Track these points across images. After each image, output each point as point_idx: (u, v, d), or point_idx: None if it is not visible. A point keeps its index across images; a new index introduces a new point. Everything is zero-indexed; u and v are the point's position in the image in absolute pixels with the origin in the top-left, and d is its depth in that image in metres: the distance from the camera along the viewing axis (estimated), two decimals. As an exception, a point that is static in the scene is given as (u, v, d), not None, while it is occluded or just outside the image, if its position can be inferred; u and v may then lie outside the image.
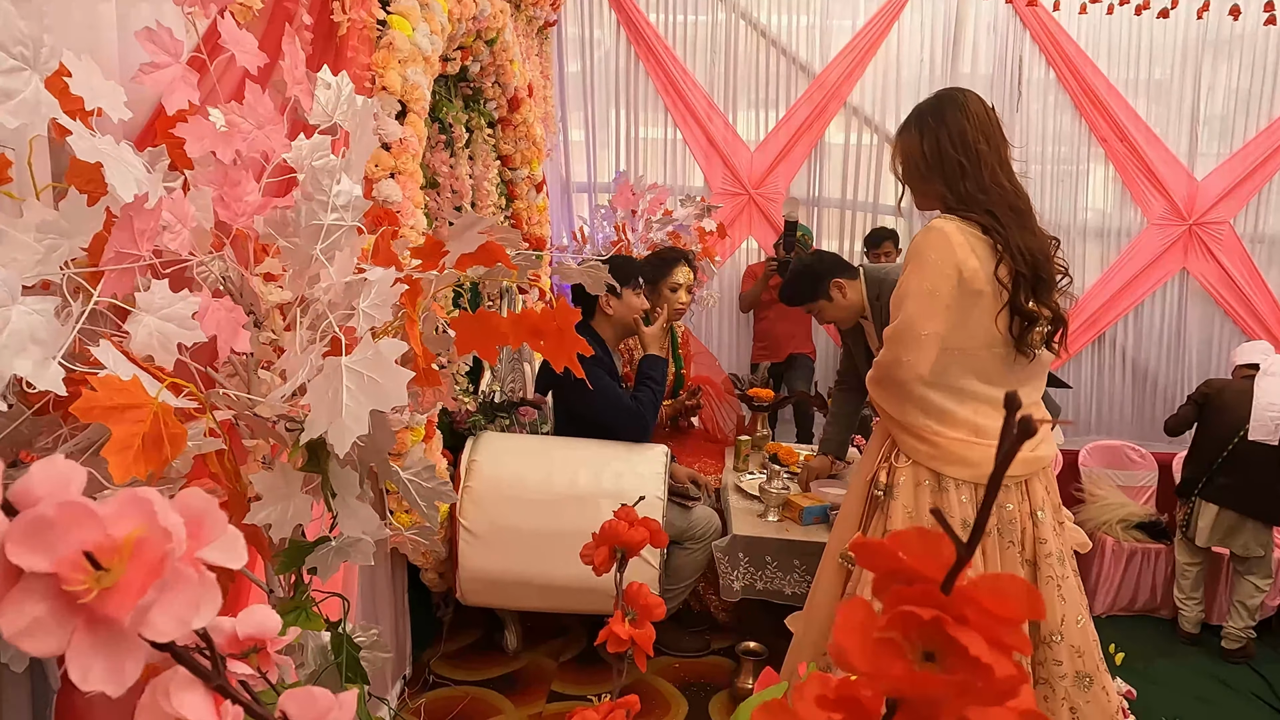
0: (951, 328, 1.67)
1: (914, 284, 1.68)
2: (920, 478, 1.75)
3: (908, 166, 1.80)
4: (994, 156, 1.70)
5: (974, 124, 1.70)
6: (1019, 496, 1.74)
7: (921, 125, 1.76)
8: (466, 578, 2.20)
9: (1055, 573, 1.73)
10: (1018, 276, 1.65)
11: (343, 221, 1.14)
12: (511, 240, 1.18)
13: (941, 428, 1.72)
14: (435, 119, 2.45)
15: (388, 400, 0.87)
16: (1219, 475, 3.72)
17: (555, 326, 1.10)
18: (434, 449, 2.10)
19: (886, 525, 1.76)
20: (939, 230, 1.68)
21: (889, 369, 1.73)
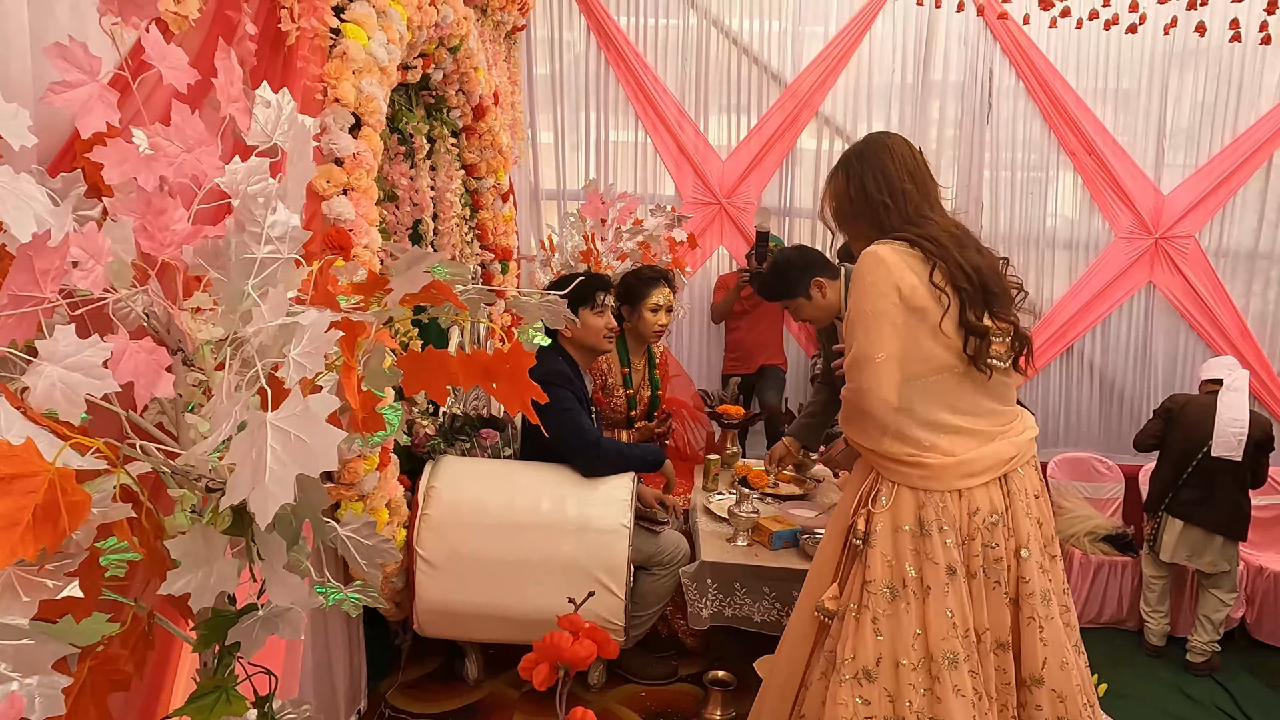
0: (905, 353, 1.64)
1: (857, 310, 1.66)
2: (900, 521, 1.68)
3: (836, 209, 1.82)
4: (919, 196, 1.71)
5: (898, 165, 1.72)
6: (1004, 534, 1.69)
7: (847, 168, 1.78)
8: (424, 609, 2.12)
9: (1038, 613, 1.67)
10: (960, 291, 1.62)
11: (278, 254, 1.05)
12: (459, 274, 1.10)
13: (922, 452, 1.68)
14: (395, 129, 2.36)
15: (316, 464, 0.79)
16: (1184, 490, 3.74)
17: (508, 369, 1.03)
18: (389, 476, 2.01)
19: (865, 575, 1.70)
20: (871, 254, 1.67)
21: (855, 402, 1.68)
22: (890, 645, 1.65)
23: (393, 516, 2.06)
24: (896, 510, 1.69)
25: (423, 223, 2.58)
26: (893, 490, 1.70)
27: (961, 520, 1.67)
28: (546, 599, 2.09)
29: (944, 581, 1.64)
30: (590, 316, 2.64)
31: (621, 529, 2.11)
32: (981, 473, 1.68)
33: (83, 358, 0.84)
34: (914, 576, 1.66)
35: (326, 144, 1.78)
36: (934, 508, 1.66)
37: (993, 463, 1.68)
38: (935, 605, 1.64)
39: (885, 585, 1.67)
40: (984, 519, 1.67)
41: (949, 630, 1.63)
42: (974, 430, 1.69)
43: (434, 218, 2.73)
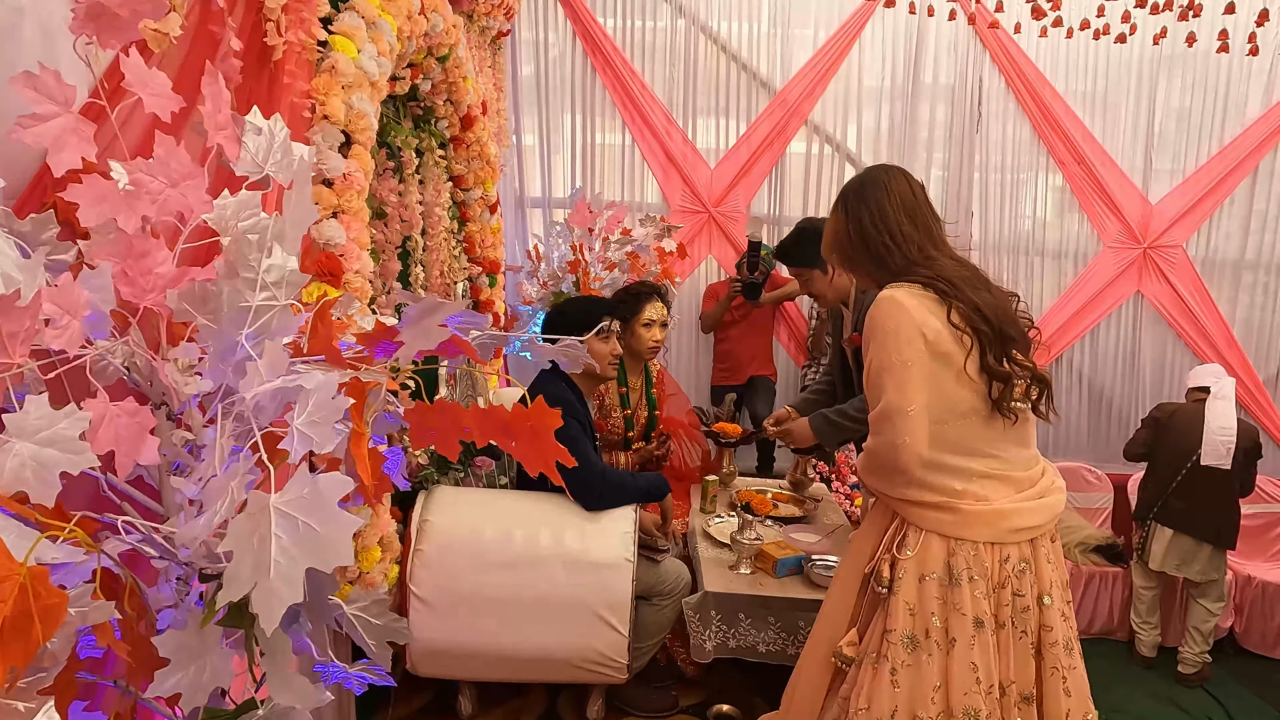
0: (932, 400, 1.58)
1: (883, 360, 1.58)
2: (927, 568, 1.61)
3: (836, 250, 1.76)
4: (921, 235, 1.66)
5: (895, 203, 1.66)
6: (1030, 581, 1.62)
7: (845, 207, 1.73)
8: (418, 649, 2.02)
9: (1061, 663, 1.61)
10: (979, 334, 1.56)
11: (274, 301, 0.96)
12: (474, 322, 1.01)
13: (953, 498, 1.61)
14: (383, 144, 2.26)
15: (328, 558, 0.70)
16: (1173, 499, 3.73)
17: (530, 427, 0.94)
18: (381, 513, 1.90)
19: (886, 624, 1.62)
20: (889, 299, 1.59)
21: (886, 457, 1.60)
22: (908, 697, 1.58)
23: (385, 553, 1.96)
24: (924, 557, 1.61)
25: (411, 239, 2.48)
26: (920, 536, 1.62)
27: (993, 568, 1.60)
28: (546, 637, 2.00)
29: (970, 634, 1.57)
30: (595, 344, 2.56)
31: (624, 563, 2.02)
32: (1014, 532, 1.60)
33: (56, 431, 0.75)
34: (939, 627, 1.59)
35: (316, 164, 1.68)
36: (965, 556, 1.59)
37: (1025, 524, 1.61)
38: (960, 658, 1.57)
39: (906, 635, 1.60)
40: (1014, 566, 1.61)
41: (972, 685, 1.56)
42: (1004, 475, 1.62)
43: (423, 234, 2.63)
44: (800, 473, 3.10)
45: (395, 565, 2.03)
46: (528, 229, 4.78)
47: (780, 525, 2.68)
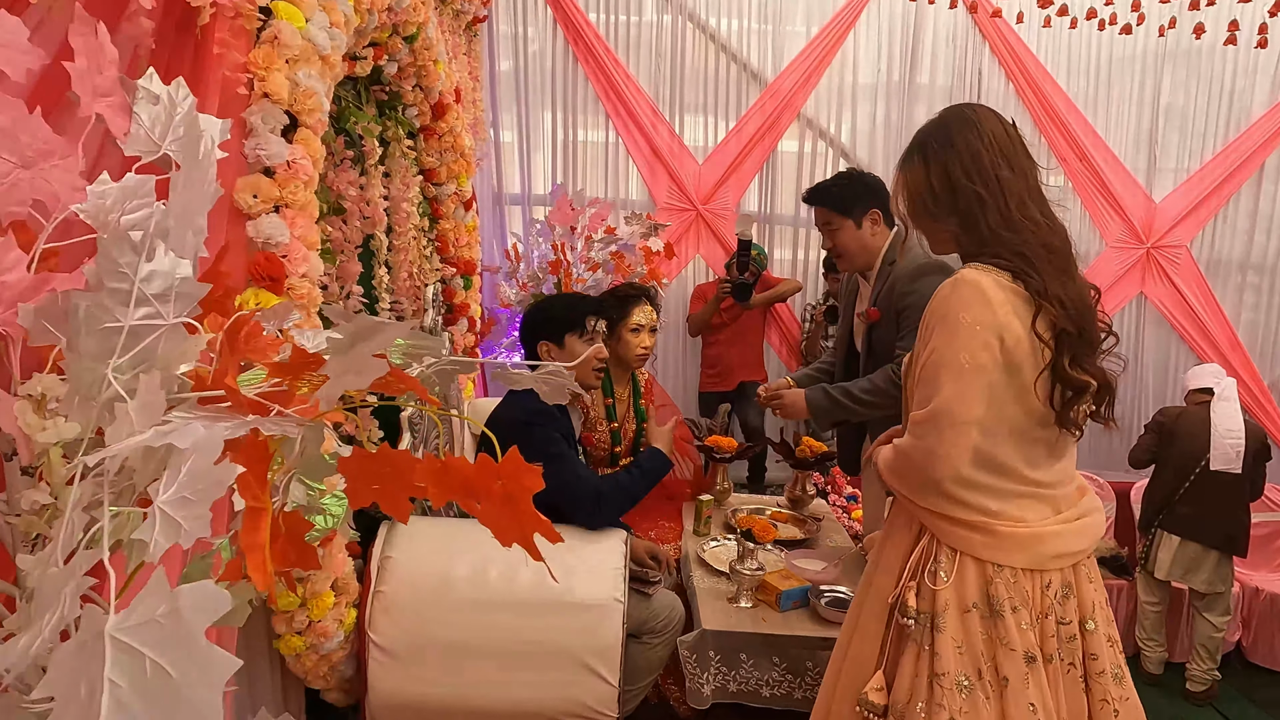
0: (987, 413, 1.36)
1: (948, 355, 1.34)
2: (968, 600, 1.40)
3: (914, 204, 1.49)
4: (1020, 184, 1.39)
5: (991, 146, 1.39)
6: (1074, 604, 1.44)
7: (926, 153, 1.44)
8: (379, 703, 1.77)
9: (1111, 695, 1.43)
10: (1061, 335, 1.34)
11: (158, 320, 0.72)
12: (426, 348, 0.78)
13: (986, 519, 1.41)
14: (341, 130, 2.01)
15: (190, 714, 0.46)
16: (1180, 505, 3.59)
17: (501, 490, 0.71)
18: (334, 551, 1.66)
19: (935, 666, 1.40)
20: (971, 284, 1.35)
21: (920, 463, 1.39)
22: None
23: (340, 597, 1.71)
24: (960, 586, 1.40)
25: (375, 238, 2.23)
26: (954, 560, 1.42)
27: (1035, 595, 1.41)
28: (525, 689, 1.76)
29: (1023, 671, 1.38)
30: (579, 345, 2.30)
31: (614, 604, 1.79)
32: (1056, 558, 1.42)
33: None
34: (989, 666, 1.40)
35: (253, 149, 1.43)
36: (1004, 583, 1.39)
37: (1067, 549, 1.43)
38: (1015, 700, 1.37)
39: (961, 679, 1.39)
40: (1056, 592, 1.42)
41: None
42: (1042, 496, 1.44)
43: (388, 232, 2.38)
44: (800, 489, 2.88)
45: (352, 610, 1.79)
46: (506, 227, 4.54)
47: (781, 550, 2.45)
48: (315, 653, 1.71)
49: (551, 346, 2.29)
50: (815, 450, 2.86)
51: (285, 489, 0.68)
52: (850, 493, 3.91)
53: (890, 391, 2.07)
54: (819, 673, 2.05)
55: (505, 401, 2.27)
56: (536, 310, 2.41)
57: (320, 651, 1.72)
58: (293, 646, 1.64)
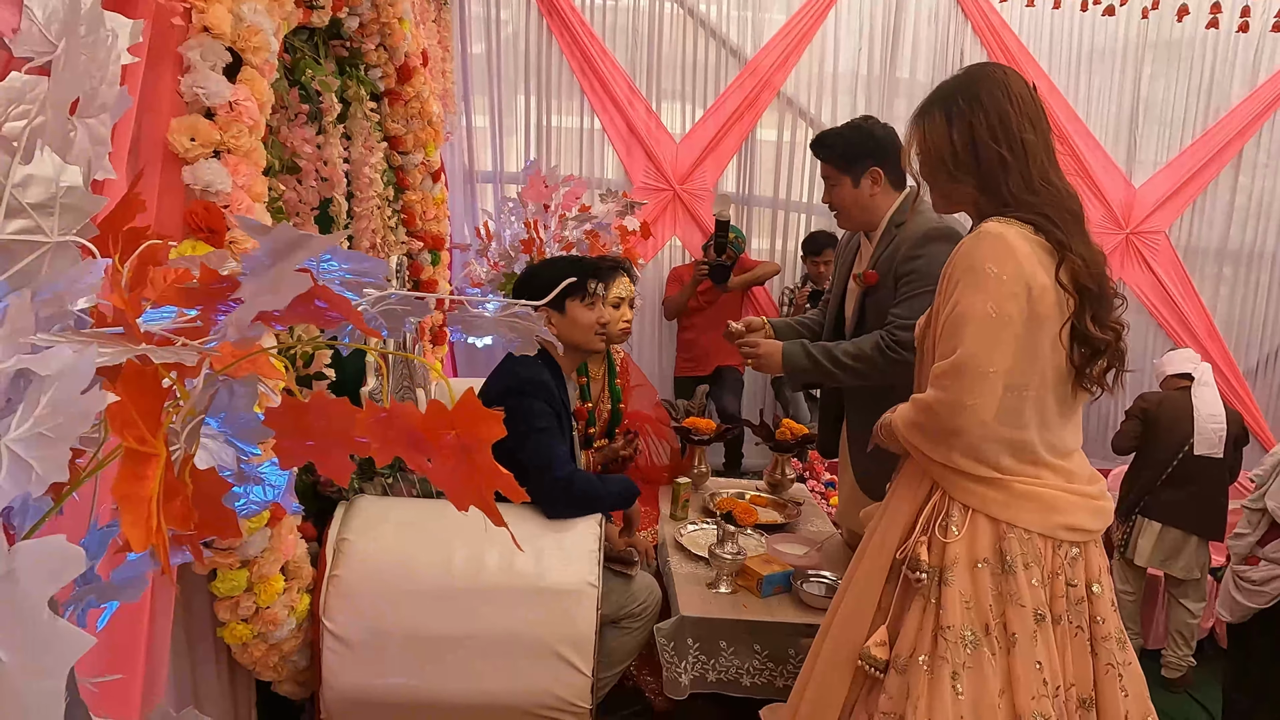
0: (1015, 365, 1.34)
1: (974, 306, 1.32)
2: (978, 555, 1.37)
3: (931, 161, 1.44)
4: (1042, 148, 1.39)
5: (1018, 107, 1.37)
6: (1082, 567, 1.41)
7: (949, 108, 1.40)
8: (334, 696, 1.65)
9: (1116, 659, 1.40)
10: (1083, 289, 1.34)
11: (38, 235, 0.60)
12: (368, 271, 0.66)
13: (1002, 475, 1.38)
14: (296, 83, 1.87)
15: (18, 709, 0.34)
16: (1164, 491, 3.56)
17: (456, 442, 0.60)
18: (284, 532, 1.53)
19: (940, 619, 1.36)
20: (996, 236, 1.33)
21: (945, 417, 1.35)
22: (973, 706, 1.34)
23: (291, 582, 1.58)
24: (972, 541, 1.38)
25: (334, 202, 2.09)
26: (966, 516, 1.39)
27: (1046, 555, 1.38)
28: (494, 681, 1.65)
29: (1032, 629, 1.35)
30: (580, 310, 2.17)
31: (588, 589, 1.68)
32: (1068, 530, 1.39)
33: None
34: (997, 622, 1.37)
35: (190, 87, 1.30)
36: (1018, 539, 1.37)
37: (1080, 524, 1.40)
38: (1023, 657, 1.34)
39: (967, 633, 1.36)
40: (1067, 552, 1.39)
41: (1039, 687, 1.33)
42: (1053, 464, 1.40)
43: (349, 197, 2.24)
44: (779, 472, 2.79)
45: (305, 595, 1.66)
46: (478, 205, 4.39)
47: (762, 534, 2.36)
48: (264, 642, 1.59)
49: (552, 314, 2.15)
50: (795, 433, 2.77)
51: (190, 437, 0.56)
52: (829, 479, 3.84)
53: (877, 361, 1.95)
54: (802, 660, 1.96)
55: (498, 371, 2.13)
56: (533, 277, 2.25)
57: (270, 641, 1.59)
58: (239, 635, 1.52)
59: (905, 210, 2.04)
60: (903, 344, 1.91)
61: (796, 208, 4.60)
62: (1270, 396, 4.78)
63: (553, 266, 2.25)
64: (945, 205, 1.49)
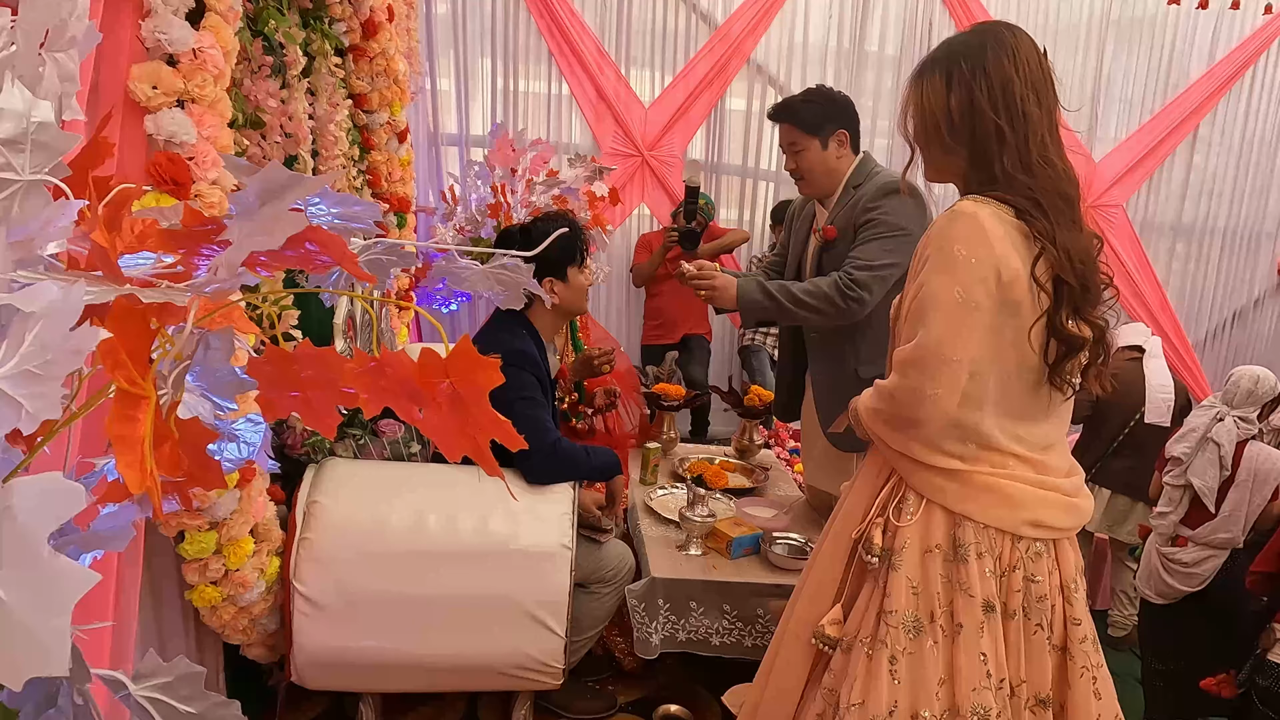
0: (979, 354, 1.28)
1: (941, 289, 1.26)
2: (931, 541, 1.34)
3: (925, 126, 1.34)
4: (1045, 123, 1.28)
5: (1024, 76, 1.26)
6: (1049, 565, 1.37)
7: (951, 71, 1.29)
8: (305, 659, 1.64)
9: (1091, 662, 1.37)
10: (1060, 284, 1.26)
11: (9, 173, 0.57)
12: (358, 215, 0.65)
13: (963, 467, 1.34)
14: (259, 33, 1.81)
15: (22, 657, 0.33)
16: (1114, 460, 3.68)
17: (450, 390, 0.59)
18: (254, 493, 1.51)
19: (885, 604, 1.35)
20: (969, 216, 1.25)
21: (906, 404, 1.31)
22: (909, 692, 1.33)
23: (260, 544, 1.57)
24: (926, 527, 1.35)
25: (299, 160, 2.03)
26: (921, 502, 1.36)
27: (1004, 548, 1.35)
28: (467, 643, 1.66)
29: (979, 619, 1.32)
30: (578, 275, 2.14)
31: (562, 551, 1.69)
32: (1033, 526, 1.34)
33: None
34: (943, 611, 1.34)
35: (151, 33, 1.24)
36: (973, 527, 1.33)
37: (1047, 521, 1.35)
38: (967, 647, 1.32)
39: (910, 618, 1.34)
40: (1028, 547, 1.36)
41: (982, 679, 1.31)
42: (1022, 456, 1.36)
43: (314, 154, 2.18)
44: (747, 438, 2.82)
45: (275, 558, 1.64)
46: (442, 168, 4.31)
47: (731, 499, 2.39)
48: (233, 605, 1.57)
49: (555, 281, 2.11)
50: (763, 399, 2.79)
51: (177, 382, 0.55)
52: (794, 446, 3.89)
53: (835, 299, 1.95)
54: (770, 620, 2.00)
55: (483, 338, 2.11)
56: (520, 233, 2.17)
57: (239, 604, 1.57)
58: (207, 598, 1.50)
59: (863, 173, 2.07)
60: (860, 283, 1.93)
61: (765, 176, 4.60)
62: (1216, 367, 4.94)
63: (554, 222, 2.18)
64: (936, 175, 1.40)
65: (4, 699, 0.55)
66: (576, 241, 2.10)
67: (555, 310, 2.14)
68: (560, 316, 2.19)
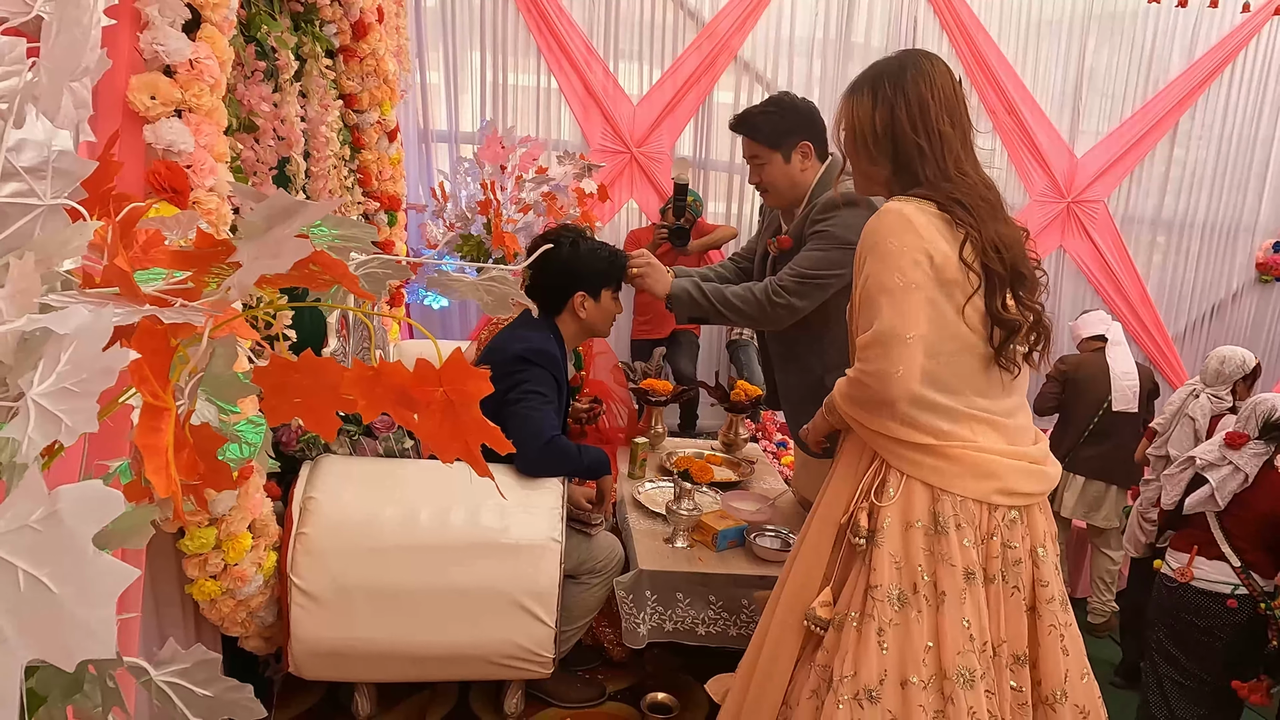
0: (932, 330, 1.39)
1: (882, 278, 1.38)
2: (912, 516, 1.43)
3: (854, 139, 1.49)
4: (959, 140, 1.43)
5: (939, 99, 1.42)
6: (1022, 532, 1.46)
7: (876, 90, 1.45)
8: (302, 650, 1.69)
9: (1058, 620, 1.47)
10: (990, 274, 1.38)
11: (31, 199, 0.62)
12: (356, 237, 0.69)
13: (938, 440, 1.43)
14: (251, 39, 1.84)
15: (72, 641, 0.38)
16: (1085, 448, 3.75)
17: (443, 398, 0.64)
18: (252, 490, 1.55)
19: (870, 579, 1.43)
20: (894, 212, 1.39)
21: (874, 387, 1.40)
22: (898, 660, 1.41)
23: (258, 539, 1.61)
24: (907, 504, 1.43)
25: (291, 162, 2.07)
26: (901, 481, 1.45)
27: (981, 517, 1.44)
28: (459, 633, 1.71)
29: (961, 587, 1.41)
30: (610, 301, 2.22)
31: (551, 544, 1.74)
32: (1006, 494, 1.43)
33: None
34: (927, 581, 1.42)
35: (149, 44, 1.28)
36: (951, 501, 1.43)
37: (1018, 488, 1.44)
38: (951, 614, 1.41)
39: (894, 591, 1.42)
40: (1004, 515, 1.45)
41: (965, 643, 1.40)
42: (994, 421, 1.46)
43: (305, 156, 2.22)
44: (733, 432, 2.87)
45: (272, 553, 1.69)
46: (433, 165, 4.34)
47: (717, 492, 2.45)
48: (232, 598, 1.61)
49: (587, 298, 2.18)
50: (749, 394, 2.84)
51: (192, 394, 0.59)
52: (780, 439, 3.95)
53: (764, 304, 1.99)
54: (754, 611, 2.06)
55: (511, 334, 2.17)
56: (574, 259, 2.17)
57: (237, 597, 1.62)
58: (207, 592, 1.54)
59: (824, 184, 2.04)
60: (788, 290, 1.96)
61: (752, 172, 4.65)
62: (1195, 359, 5.03)
63: (605, 254, 2.19)
64: (865, 185, 1.53)
65: (34, 685, 0.60)
66: (617, 268, 2.16)
67: (580, 324, 2.22)
68: (583, 331, 2.26)
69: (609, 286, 2.21)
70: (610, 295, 2.22)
